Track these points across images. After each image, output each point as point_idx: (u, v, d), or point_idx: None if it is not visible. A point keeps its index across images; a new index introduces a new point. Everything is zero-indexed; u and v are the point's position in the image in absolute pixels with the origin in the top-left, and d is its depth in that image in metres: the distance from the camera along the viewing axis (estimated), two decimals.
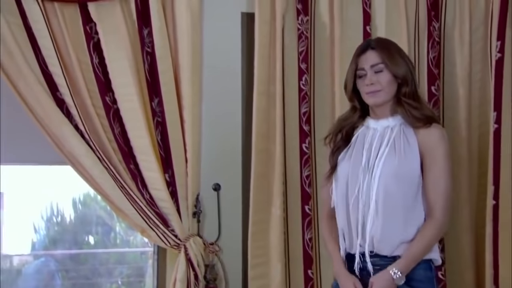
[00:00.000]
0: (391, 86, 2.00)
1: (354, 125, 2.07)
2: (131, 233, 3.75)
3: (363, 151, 2.00)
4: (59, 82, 2.42)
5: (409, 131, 1.99)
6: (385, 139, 1.99)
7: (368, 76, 2.00)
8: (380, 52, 2.01)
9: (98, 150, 2.47)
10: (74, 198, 3.78)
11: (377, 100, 2.00)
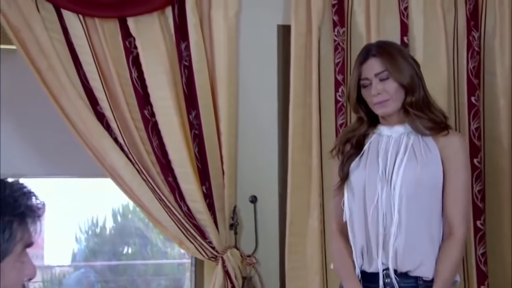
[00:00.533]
0: (398, 93, 1.90)
1: (365, 134, 1.96)
2: (168, 244, 3.78)
3: (378, 158, 1.89)
4: (99, 97, 2.47)
5: (428, 138, 1.89)
6: (401, 146, 1.88)
7: (373, 85, 1.89)
8: (383, 59, 1.90)
9: (137, 163, 2.50)
10: (114, 209, 3.84)
11: (387, 110, 1.90)
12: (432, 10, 2.54)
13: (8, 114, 2.59)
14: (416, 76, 1.92)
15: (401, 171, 1.84)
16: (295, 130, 2.52)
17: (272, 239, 2.61)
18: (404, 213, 1.82)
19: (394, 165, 1.86)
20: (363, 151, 1.92)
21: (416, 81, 1.91)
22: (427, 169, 1.84)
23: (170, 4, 2.50)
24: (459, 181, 1.86)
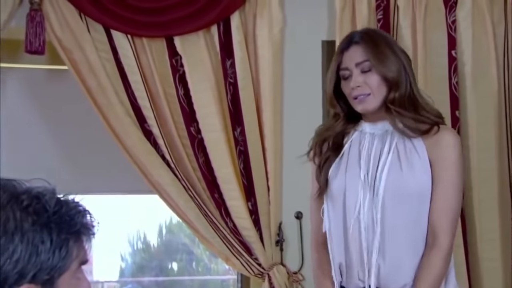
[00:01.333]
0: (381, 88, 1.66)
1: (343, 132, 1.72)
2: (214, 260, 3.79)
3: (360, 161, 1.66)
4: (147, 114, 2.51)
5: (417, 139, 1.65)
6: (385, 145, 1.65)
7: (353, 77, 1.66)
8: (366, 48, 1.66)
9: (183, 179, 2.53)
10: (160, 225, 3.88)
11: (367, 106, 1.66)
12: (480, 23, 2.49)
13: (59, 133, 2.66)
14: (404, 71, 1.68)
15: (384, 175, 1.62)
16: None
17: None
18: (388, 225, 1.61)
19: (377, 168, 1.64)
20: (342, 152, 1.69)
21: (403, 76, 1.67)
22: (412, 174, 1.62)
23: (216, 22, 2.54)
24: (447, 182, 1.62)
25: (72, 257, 0.95)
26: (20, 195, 0.94)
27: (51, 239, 0.92)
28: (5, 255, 0.89)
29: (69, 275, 0.95)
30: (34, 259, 0.90)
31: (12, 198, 0.93)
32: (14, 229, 0.90)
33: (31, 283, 0.90)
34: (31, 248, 0.90)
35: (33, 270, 0.90)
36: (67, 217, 0.95)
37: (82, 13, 2.44)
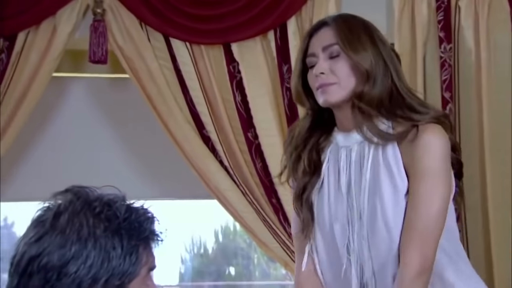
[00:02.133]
0: (350, 78, 1.37)
1: (318, 146, 1.42)
2: (272, 265, 3.79)
3: (339, 184, 1.37)
4: (205, 120, 2.54)
5: (390, 144, 1.35)
6: (364, 163, 1.36)
7: (318, 63, 1.37)
8: (337, 30, 1.38)
9: (241, 185, 2.54)
10: (216, 230, 3.91)
11: (330, 97, 1.36)
12: None
13: (121, 140, 2.73)
14: (383, 64, 1.37)
15: (365, 202, 1.33)
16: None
17: None
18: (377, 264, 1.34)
19: (360, 192, 1.36)
20: (322, 177, 1.39)
21: (380, 70, 1.36)
22: (396, 195, 1.32)
23: (272, 28, 2.54)
24: (419, 193, 1.30)
25: (142, 263, 0.97)
26: (92, 202, 0.96)
27: (122, 245, 0.94)
28: (79, 261, 0.91)
29: (139, 281, 0.97)
30: (106, 264, 0.93)
31: (85, 205, 0.96)
32: (87, 235, 0.93)
33: None
34: (104, 254, 0.93)
35: (106, 275, 0.92)
36: (136, 224, 0.97)
37: (143, 22, 2.50)
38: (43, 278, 0.91)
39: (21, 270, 0.92)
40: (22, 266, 0.92)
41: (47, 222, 0.94)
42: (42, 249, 0.92)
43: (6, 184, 2.52)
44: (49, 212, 0.95)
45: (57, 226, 0.93)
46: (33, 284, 0.91)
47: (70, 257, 0.91)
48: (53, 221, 0.94)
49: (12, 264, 0.94)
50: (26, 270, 0.91)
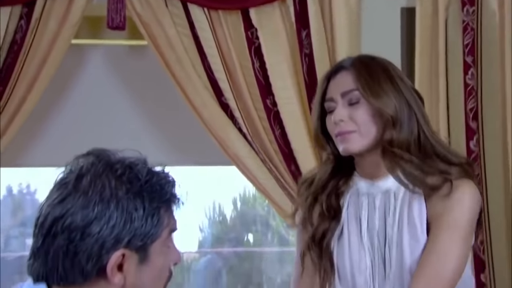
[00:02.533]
0: (371, 126, 1.32)
1: (337, 190, 1.36)
2: (291, 232, 3.82)
3: (362, 234, 1.32)
4: (223, 87, 2.54)
5: (416, 197, 1.30)
6: (389, 214, 1.30)
7: (337, 109, 1.33)
8: (357, 74, 1.34)
9: (260, 152, 2.55)
10: (234, 198, 3.94)
11: (349, 146, 1.32)
12: None
13: (140, 107, 2.74)
14: (407, 109, 1.33)
15: (394, 255, 1.28)
16: (422, 62, 2.43)
17: None
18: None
19: (385, 244, 1.30)
20: (342, 222, 1.33)
21: (406, 115, 1.32)
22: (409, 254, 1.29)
23: None
24: (440, 242, 1.25)
25: (163, 225, 0.98)
26: (114, 165, 0.97)
27: (144, 207, 0.95)
28: (102, 221, 0.93)
29: (161, 243, 0.98)
30: (129, 225, 0.94)
31: (107, 167, 0.97)
32: (109, 196, 0.94)
33: (126, 248, 0.94)
34: (126, 215, 0.94)
35: (128, 236, 0.94)
36: (158, 186, 0.98)
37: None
38: (67, 238, 0.92)
39: (45, 230, 0.94)
40: (46, 227, 0.94)
41: (69, 184, 0.95)
42: (65, 210, 0.93)
43: (27, 150, 2.56)
44: (72, 175, 0.96)
45: (80, 187, 0.94)
46: (57, 244, 0.93)
47: (93, 218, 0.92)
48: (75, 183, 0.95)
49: (36, 225, 0.96)
50: (50, 231, 0.93)
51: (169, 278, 1.03)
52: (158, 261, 0.98)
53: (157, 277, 0.98)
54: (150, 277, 0.97)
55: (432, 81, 2.44)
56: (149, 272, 0.96)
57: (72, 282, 0.92)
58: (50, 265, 0.93)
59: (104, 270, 0.92)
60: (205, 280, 3.65)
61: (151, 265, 0.97)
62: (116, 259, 0.92)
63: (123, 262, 0.93)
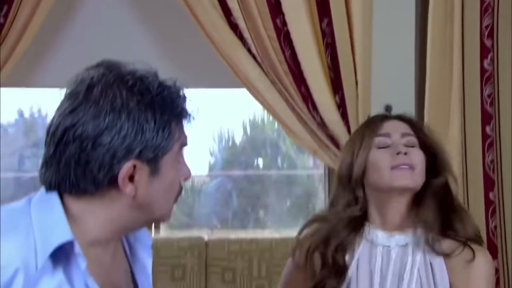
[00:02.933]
0: (423, 172, 1.32)
1: (346, 244, 1.30)
2: (301, 156, 3.85)
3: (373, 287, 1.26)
4: (232, 6, 2.48)
5: (437, 257, 1.27)
6: (407, 271, 1.26)
7: (397, 144, 1.31)
8: (411, 124, 1.37)
9: (270, 73, 2.52)
10: (244, 122, 3.95)
11: (409, 183, 1.28)
12: None
13: (150, 30, 2.70)
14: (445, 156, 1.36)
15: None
16: (434, 32, 2.36)
17: None
18: None
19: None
20: (346, 275, 1.27)
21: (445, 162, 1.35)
22: None
23: None
24: None
25: (174, 138, 0.98)
26: (125, 76, 0.96)
27: (155, 119, 0.95)
28: (113, 131, 0.93)
29: (172, 156, 0.98)
30: (140, 136, 0.94)
31: (118, 77, 0.96)
32: (120, 106, 0.93)
33: (138, 160, 0.94)
34: (137, 126, 0.94)
35: (139, 147, 0.94)
36: (169, 99, 0.97)
37: None
38: (78, 147, 0.92)
39: (56, 139, 0.94)
40: (58, 136, 0.93)
41: (80, 94, 0.94)
42: (76, 119, 0.92)
43: (36, 70, 2.55)
44: (82, 85, 0.95)
45: (91, 97, 0.94)
46: (69, 153, 0.93)
47: (104, 127, 0.92)
48: (86, 93, 0.94)
49: (48, 134, 0.96)
50: (62, 140, 0.93)
51: (180, 193, 1.03)
52: (169, 174, 0.98)
53: (167, 189, 0.99)
54: (161, 190, 0.97)
55: (446, 66, 2.34)
56: (160, 185, 0.97)
57: (83, 190, 0.93)
58: (62, 174, 0.93)
59: (115, 180, 0.93)
60: (216, 202, 3.72)
61: (162, 178, 0.97)
62: (127, 170, 0.92)
63: (134, 173, 0.94)
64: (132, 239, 1.09)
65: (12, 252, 0.87)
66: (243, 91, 2.67)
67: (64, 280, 0.90)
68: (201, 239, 3.17)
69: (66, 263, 0.91)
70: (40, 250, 0.89)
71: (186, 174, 1.03)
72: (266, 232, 3.55)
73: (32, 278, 0.87)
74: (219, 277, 3.04)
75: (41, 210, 0.93)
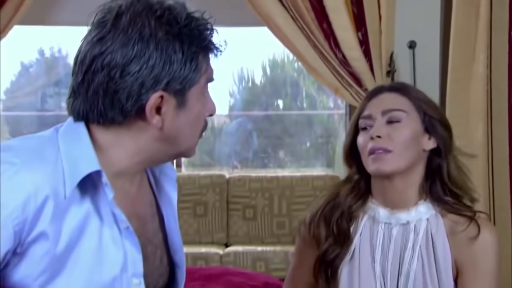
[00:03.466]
0: (410, 147, 1.22)
1: (350, 213, 1.28)
2: (322, 94, 3.82)
3: (375, 265, 1.25)
4: None
5: (440, 235, 1.24)
6: (408, 249, 1.24)
7: (375, 125, 1.23)
8: (404, 94, 1.25)
9: (291, 9, 2.47)
10: (263, 62, 3.91)
11: (383, 167, 1.22)
12: None
13: None
14: (450, 141, 1.25)
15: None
16: None
17: (432, 86, 2.52)
18: None
19: (398, 280, 1.24)
20: (351, 248, 1.26)
21: (449, 146, 1.24)
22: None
23: None
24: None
25: (201, 71, 0.96)
26: (153, 5, 0.94)
27: (183, 50, 0.93)
28: (141, 60, 0.91)
29: (198, 90, 0.97)
30: (168, 67, 0.92)
31: (147, 7, 0.94)
32: (149, 36, 0.92)
33: (165, 91, 0.93)
34: (165, 56, 0.92)
35: (167, 77, 0.93)
36: (196, 31, 0.95)
37: None
38: (106, 76, 0.91)
39: (85, 68, 0.93)
40: (86, 64, 0.92)
41: (108, 22, 0.92)
42: (105, 47, 0.91)
43: (55, 8, 2.52)
44: (110, 14, 0.93)
45: (119, 26, 0.92)
46: (97, 81, 0.92)
47: (132, 56, 0.91)
48: (114, 21, 0.92)
49: (76, 63, 0.95)
50: (90, 68, 0.92)
51: (204, 128, 1.02)
52: (195, 108, 0.97)
53: (193, 123, 0.98)
54: (187, 122, 0.97)
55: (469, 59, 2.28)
56: (186, 117, 0.96)
57: (111, 120, 0.92)
58: (90, 103, 0.92)
59: (143, 110, 0.92)
60: (236, 142, 3.73)
61: (189, 111, 0.96)
62: (155, 100, 0.92)
63: (162, 104, 0.93)
64: (157, 172, 1.09)
65: (41, 179, 0.88)
66: (263, 29, 2.64)
67: (92, 209, 0.91)
68: (223, 176, 3.20)
69: (93, 193, 0.92)
70: (68, 179, 0.89)
71: (211, 109, 1.02)
72: (286, 171, 3.57)
73: (61, 205, 0.88)
74: (240, 214, 3.09)
75: (68, 140, 0.93)
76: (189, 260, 2.83)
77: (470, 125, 2.38)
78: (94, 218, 0.93)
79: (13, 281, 0.88)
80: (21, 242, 0.86)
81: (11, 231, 0.85)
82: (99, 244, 0.92)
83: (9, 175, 0.87)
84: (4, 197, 0.85)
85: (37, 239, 0.87)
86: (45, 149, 0.93)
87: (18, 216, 0.85)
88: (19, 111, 3.61)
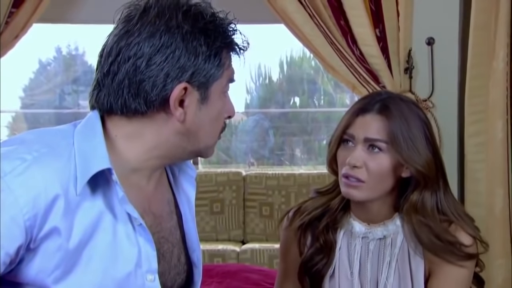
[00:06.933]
0: (385, 179, 1.23)
1: (334, 224, 1.29)
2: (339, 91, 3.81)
3: (353, 280, 1.26)
4: None
5: (414, 248, 1.25)
6: (384, 262, 1.26)
7: (355, 152, 1.22)
8: (390, 122, 1.21)
9: (308, 6, 2.46)
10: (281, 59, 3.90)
11: (353, 194, 1.23)
12: None
13: None
14: (434, 164, 1.23)
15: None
16: None
17: (450, 83, 2.49)
18: None
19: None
20: (331, 260, 1.28)
21: (434, 171, 1.23)
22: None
23: None
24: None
25: (224, 66, 0.98)
26: (180, 1, 0.96)
27: (208, 44, 0.95)
28: (168, 51, 0.93)
29: (220, 87, 0.98)
30: (193, 59, 0.94)
31: (173, 2, 0.96)
32: (176, 27, 0.93)
33: (189, 83, 0.94)
34: (191, 48, 0.94)
35: (192, 68, 0.94)
36: (221, 28, 0.97)
37: None
38: (132, 65, 0.92)
39: (111, 59, 0.93)
40: (113, 55, 0.93)
41: (136, 16, 0.94)
42: (132, 39, 0.93)
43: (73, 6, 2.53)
44: (137, 10, 0.95)
45: (147, 18, 0.94)
46: (123, 71, 0.93)
47: (159, 46, 0.92)
48: (141, 14, 0.94)
49: (102, 55, 0.96)
50: (116, 58, 0.93)
51: (223, 129, 1.03)
52: (216, 104, 0.97)
53: (214, 120, 0.99)
54: (208, 119, 0.97)
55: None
56: (207, 113, 0.97)
57: (134, 110, 0.93)
58: (115, 93, 0.93)
59: (166, 102, 0.93)
60: (253, 139, 3.74)
61: (210, 106, 0.97)
62: (178, 92, 0.92)
63: (185, 97, 0.94)
64: (176, 171, 1.10)
65: (52, 176, 0.88)
66: (280, 27, 2.63)
67: (105, 206, 0.92)
68: (239, 174, 3.20)
69: (107, 189, 0.93)
70: (80, 176, 0.90)
71: (230, 110, 1.02)
72: (302, 169, 3.57)
73: (73, 201, 0.89)
74: (256, 211, 3.09)
75: (83, 136, 0.94)
76: (206, 257, 2.84)
77: (489, 122, 2.35)
78: (108, 215, 0.94)
79: (29, 277, 0.89)
80: (33, 238, 0.88)
81: (22, 226, 0.86)
82: (113, 240, 0.93)
83: (20, 171, 0.88)
84: (15, 192, 0.86)
85: (49, 234, 0.88)
86: (59, 144, 0.94)
87: (29, 211, 0.87)
88: (37, 108, 3.65)
